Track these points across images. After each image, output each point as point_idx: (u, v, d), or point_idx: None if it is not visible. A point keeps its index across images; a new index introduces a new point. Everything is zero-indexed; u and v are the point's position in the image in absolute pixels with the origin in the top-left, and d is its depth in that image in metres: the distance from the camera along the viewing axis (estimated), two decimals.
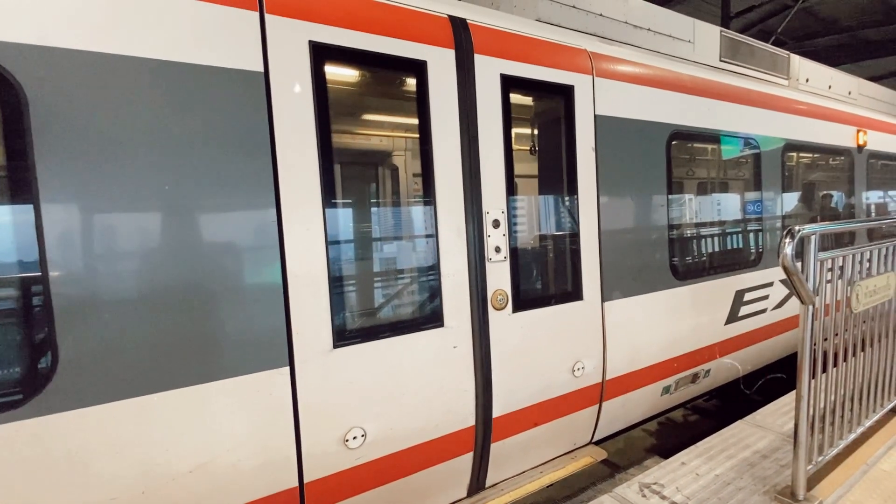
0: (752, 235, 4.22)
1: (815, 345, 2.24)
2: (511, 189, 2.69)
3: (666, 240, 3.43)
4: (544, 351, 2.83)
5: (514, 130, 2.75)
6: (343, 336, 2.19)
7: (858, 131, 5.32)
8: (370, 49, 2.24)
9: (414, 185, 2.46)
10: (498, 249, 2.62)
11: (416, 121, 2.39)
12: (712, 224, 4.03)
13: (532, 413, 2.82)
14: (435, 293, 2.43)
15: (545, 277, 3.05)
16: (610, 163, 3.09)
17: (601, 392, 3.12)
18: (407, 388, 2.35)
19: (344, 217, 2.40)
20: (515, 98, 2.75)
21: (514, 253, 2.70)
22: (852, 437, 2.64)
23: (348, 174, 2.80)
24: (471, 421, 2.56)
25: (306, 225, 2.07)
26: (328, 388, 2.14)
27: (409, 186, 3.12)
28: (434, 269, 2.42)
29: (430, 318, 2.42)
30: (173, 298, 1.79)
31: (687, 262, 3.73)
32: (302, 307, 2.06)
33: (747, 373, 4.36)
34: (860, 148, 5.37)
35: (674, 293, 3.43)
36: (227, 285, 1.90)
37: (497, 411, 2.67)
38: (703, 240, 3.95)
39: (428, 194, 2.41)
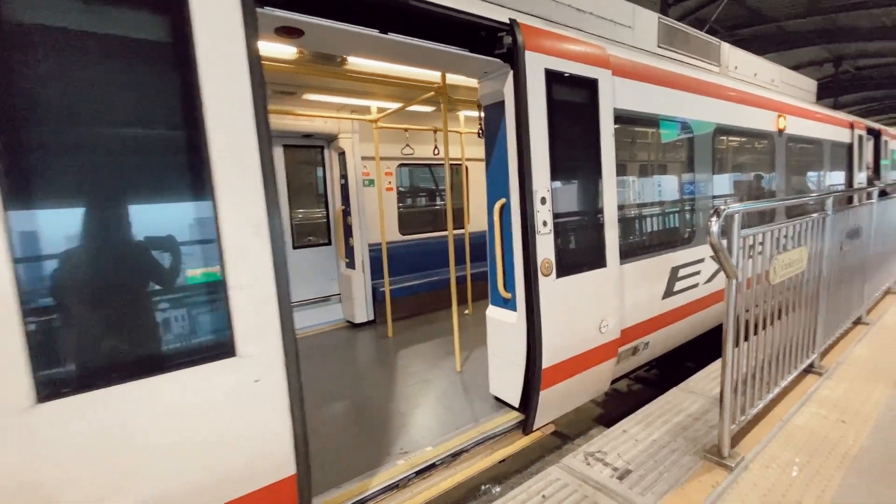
0: (687, 214, 4.52)
1: (738, 315, 2.43)
2: (554, 170, 3.02)
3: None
4: (580, 310, 3.23)
5: (554, 118, 3.04)
6: (56, 385, 1.51)
7: (779, 116, 5.74)
8: None
9: (165, 168, 1.69)
10: (545, 223, 2.95)
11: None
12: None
13: (571, 364, 3.21)
14: (218, 313, 1.79)
15: (580, 247, 3.34)
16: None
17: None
18: (181, 443, 1.70)
19: (40, 213, 1.53)
20: (555, 89, 3.05)
21: (556, 226, 3.04)
22: (770, 396, 2.91)
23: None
24: (290, 469, 1.98)
25: None
26: (31, 460, 1.46)
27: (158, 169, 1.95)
28: (216, 280, 1.77)
29: (210, 347, 1.77)
30: None
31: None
32: None
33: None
34: (780, 132, 5.81)
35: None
36: None
37: (545, 363, 3.01)
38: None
39: (198, 180, 1.71)
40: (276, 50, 3.20)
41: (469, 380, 4.01)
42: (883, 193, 5.10)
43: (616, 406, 4.95)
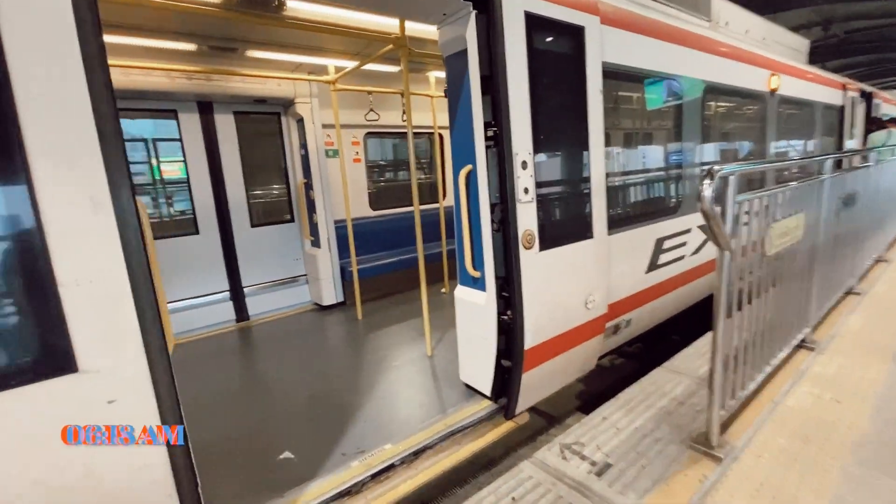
0: (674, 181, 4.20)
1: (730, 290, 2.15)
2: (536, 130, 2.66)
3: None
4: (565, 286, 2.95)
5: (536, 71, 2.63)
6: None
7: (772, 75, 5.40)
8: None
9: None
10: (526, 191, 2.62)
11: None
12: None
13: (556, 344, 2.94)
14: (45, 317, 1.37)
15: (565, 217, 3.06)
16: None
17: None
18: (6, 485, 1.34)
19: None
20: (537, 37, 2.65)
21: (539, 194, 2.72)
22: (761, 377, 2.67)
23: None
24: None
25: None
26: None
27: None
28: (35, 275, 1.33)
29: (38, 362, 1.37)
30: None
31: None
32: None
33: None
34: (773, 92, 5.48)
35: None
36: None
37: (528, 344, 2.74)
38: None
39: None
40: None
41: (440, 365, 3.73)
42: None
43: (597, 382, 4.74)
